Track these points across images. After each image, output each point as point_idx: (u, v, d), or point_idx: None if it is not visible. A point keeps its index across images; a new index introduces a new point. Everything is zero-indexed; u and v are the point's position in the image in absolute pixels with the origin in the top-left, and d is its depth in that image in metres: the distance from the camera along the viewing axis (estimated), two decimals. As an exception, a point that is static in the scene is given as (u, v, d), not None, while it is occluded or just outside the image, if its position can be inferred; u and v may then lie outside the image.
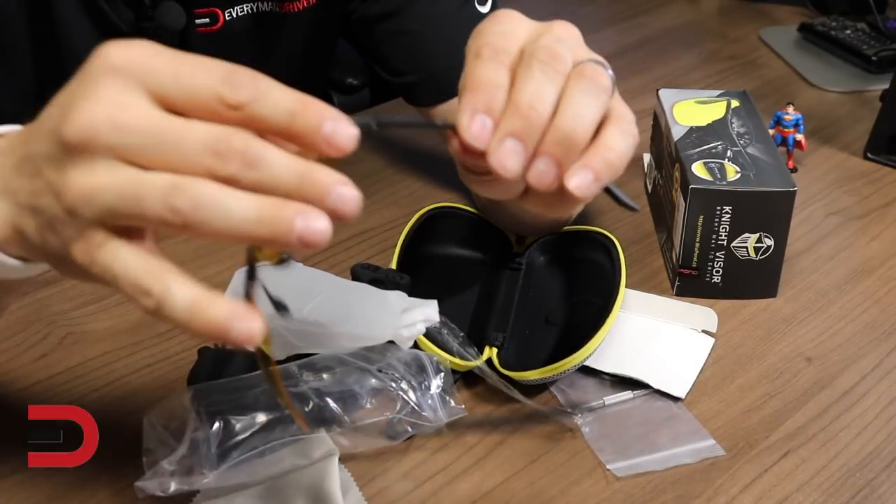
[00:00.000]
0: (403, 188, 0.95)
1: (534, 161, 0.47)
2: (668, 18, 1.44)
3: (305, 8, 0.87)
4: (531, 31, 0.51)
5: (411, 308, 0.67)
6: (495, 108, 0.48)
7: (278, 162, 0.40)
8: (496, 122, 0.47)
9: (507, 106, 0.48)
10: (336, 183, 0.40)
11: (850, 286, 0.83)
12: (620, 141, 0.49)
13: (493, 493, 0.62)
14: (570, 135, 0.47)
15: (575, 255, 0.80)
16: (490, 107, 0.48)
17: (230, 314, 0.40)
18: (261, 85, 0.40)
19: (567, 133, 0.47)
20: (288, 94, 0.40)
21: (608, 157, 0.48)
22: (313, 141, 0.40)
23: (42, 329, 0.74)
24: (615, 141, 0.49)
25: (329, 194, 0.40)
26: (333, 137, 0.40)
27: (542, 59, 0.48)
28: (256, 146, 0.40)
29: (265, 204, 0.39)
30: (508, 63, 0.50)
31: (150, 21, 0.79)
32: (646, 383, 0.69)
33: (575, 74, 0.49)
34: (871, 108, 1.10)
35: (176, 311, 0.40)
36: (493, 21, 0.53)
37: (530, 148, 0.47)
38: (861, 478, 0.63)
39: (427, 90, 0.88)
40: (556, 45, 0.49)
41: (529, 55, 0.49)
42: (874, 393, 0.71)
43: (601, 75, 0.49)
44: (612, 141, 0.49)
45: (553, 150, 0.47)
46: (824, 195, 0.97)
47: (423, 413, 0.64)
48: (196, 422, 0.60)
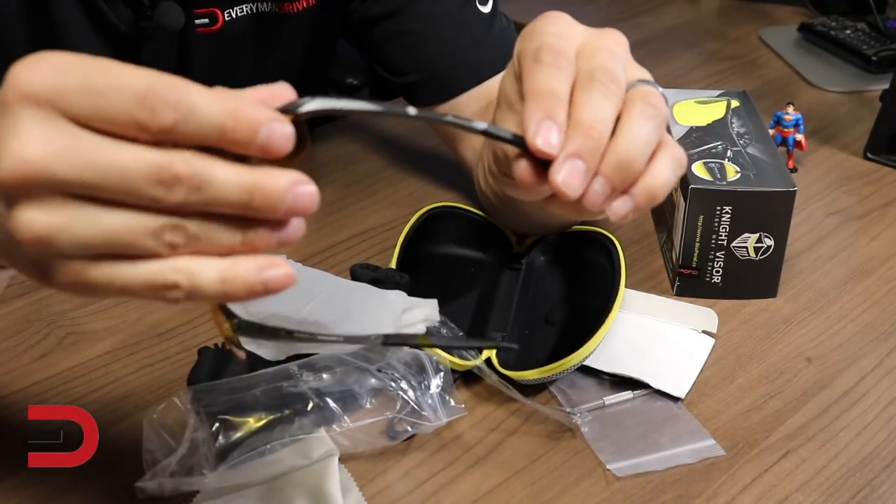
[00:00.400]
0: (403, 188, 0.95)
1: (590, 182, 0.48)
2: (668, 18, 1.44)
3: (305, 8, 0.87)
4: (585, 37, 0.52)
5: (412, 307, 0.67)
6: (558, 119, 0.48)
7: (225, 179, 0.39)
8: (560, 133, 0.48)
9: (571, 125, 0.48)
10: (288, 186, 0.39)
11: (850, 286, 0.83)
12: (669, 172, 0.50)
13: (493, 493, 0.62)
14: (630, 160, 0.48)
15: (575, 255, 0.80)
16: (553, 116, 0.48)
17: (259, 268, 0.40)
18: (182, 102, 0.38)
19: (627, 158, 0.48)
20: (214, 108, 0.38)
21: (653, 188, 0.49)
22: (249, 151, 0.39)
23: (42, 329, 0.74)
24: (664, 172, 0.50)
25: (283, 200, 0.39)
26: (268, 145, 0.39)
27: (602, 80, 0.49)
28: (200, 168, 0.38)
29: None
30: (567, 69, 0.50)
31: (149, 21, 0.79)
32: (646, 383, 0.69)
33: (637, 97, 0.49)
34: (871, 108, 1.10)
35: (209, 291, 0.40)
36: (545, 21, 0.53)
37: (592, 169, 0.48)
38: (861, 478, 0.63)
39: (428, 90, 0.88)
40: (614, 64, 0.50)
41: (589, 75, 0.49)
42: (874, 393, 0.71)
43: (660, 100, 0.50)
44: (660, 171, 0.49)
45: (610, 174, 0.48)
46: (824, 195, 0.97)
47: (422, 413, 0.64)
48: (196, 422, 0.60)
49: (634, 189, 0.49)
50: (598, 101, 0.48)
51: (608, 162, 0.48)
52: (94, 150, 0.38)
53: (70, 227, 0.38)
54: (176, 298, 0.40)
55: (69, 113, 0.38)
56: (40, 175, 0.37)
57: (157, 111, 0.37)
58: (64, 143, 0.38)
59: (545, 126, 0.48)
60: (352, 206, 0.91)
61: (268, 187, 0.39)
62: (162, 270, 0.40)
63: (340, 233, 0.87)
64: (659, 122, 0.49)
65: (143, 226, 0.39)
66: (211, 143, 0.39)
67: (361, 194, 0.94)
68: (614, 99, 0.49)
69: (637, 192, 0.49)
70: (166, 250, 0.39)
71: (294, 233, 0.41)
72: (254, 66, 0.88)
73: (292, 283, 0.41)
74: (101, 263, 0.39)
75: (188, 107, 0.38)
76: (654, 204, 0.50)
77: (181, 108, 0.38)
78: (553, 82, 0.49)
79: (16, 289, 0.77)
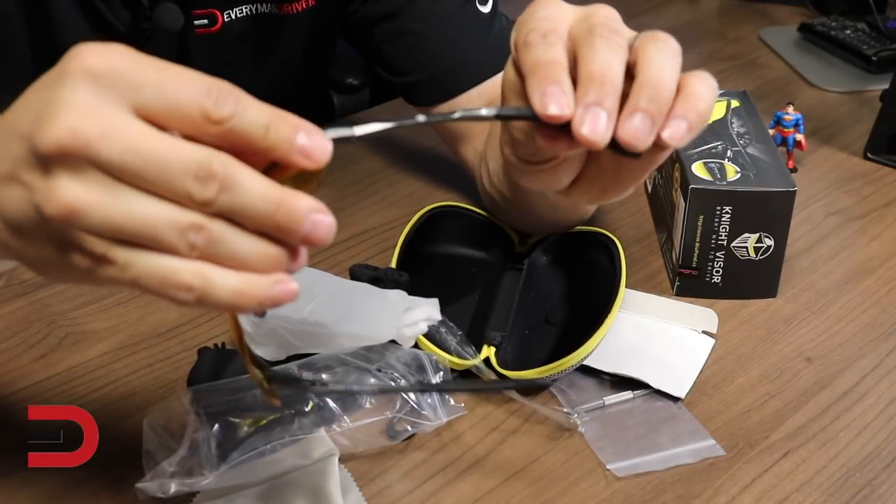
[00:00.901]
0: (403, 188, 0.95)
1: (626, 119, 0.47)
2: (668, 18, 1.44)
3: (305, 9, 0.87)
4: (576, 14, 0.52)
5: (413, 307, 0.67)
6: (561, 82, 0.48)
7: (254, 188, 0.40)
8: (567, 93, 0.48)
9: (581, 80, 0.48)
10: (311, 210, 0.40)
11: (850, 286, 0.83)
12: (705, 89, 0.50)
13: (493, 492, 0.62)
14: (661, 87, 0.48)
15: (576, 255, 0.80)
16: (555, 81, 0.48)
17: (272, 283, 0.41)
18: (241, 100, 0.40)
19: (657, 85, 0.48)
20: (263, 109, 0.40)
21: (698, 107, 0.49)
22: (289, 152, 0.40)
23: (42, 329, 0.74)
24: (700, 89, 0.49)
25: (304, 222, 0.40)
26: (308, 149, 0.41)
27: (602, 33, 0.49)
28: (235, 170, 0.39)
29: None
30: (560, 42, 0.50)
31: (148, 22, 0.79)
32: (646, 383, 0.69)
33: (647, 39, 0.50)
34: (871, 108, 1.10)
35: (220, 299, 0.40)
36: (535, 7, 0.53)
37: (613, 115, 0.47)
38: (861, 478, 0.63)
39: (428, 90, 0.88)
40: (611, 20, 0.50)
41: (588, 32, 0.49)
42: (874, 393, 0.71)
43: (671, 38, 0.50)
44: (697, 90, 0.49)
45: (646, 105, 0.47)
46: (824, 195, 0.97)
47: (422, 412, 0.64)
48: (196, 423, 0.60)
49: (678, 110, 0.48)
50: (603, 51, 0.48)
51: (640, 96, 0.48)
52: (142, 136, 0.39)
53: (102, 205, 0.39)
54: (184, 301, 0.40)
55: (132, 99, 0.39)
56: (85, 149, 0.38)
57: (222, 101, 0.39)
58: (114, 124, 0.38)
59: (550, 91, 0.47)
60: (352, 206, 0.91)
61: (292, 204, 0.40)
62: (179, 270, 0.40)
63: (340, 233, 0.86)
64: (675, 54, 0.50)
65: (170, 218, 0.39)
66: (255, 142, 0.40)
67: (361, 194, 0.94)
68: (618, 48, 0.49)
69: (684, 113, 0.48)
70: (186, 249, 0.40)
71: (300, 264, 0.42)
72: (254, 66, 0.88)
73: (295, 298, 0.41)
74: (121, 247, 0.40)
75: (245, 104, 0.40)
76: (704, 124, 0.49)
77: (240, 103, 0.40)
78: (546, 53, 0.49)
79: (16, 289, 0.77)
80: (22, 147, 0.40)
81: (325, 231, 0.41)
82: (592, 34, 0.49)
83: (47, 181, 0.39)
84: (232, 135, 0.40)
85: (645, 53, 0.49)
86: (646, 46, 0.49)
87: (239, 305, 0.41)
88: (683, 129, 0.48)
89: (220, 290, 0.40)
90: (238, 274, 0.41)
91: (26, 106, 0.41)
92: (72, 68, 0.39)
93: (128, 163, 0.38)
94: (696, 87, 0.49)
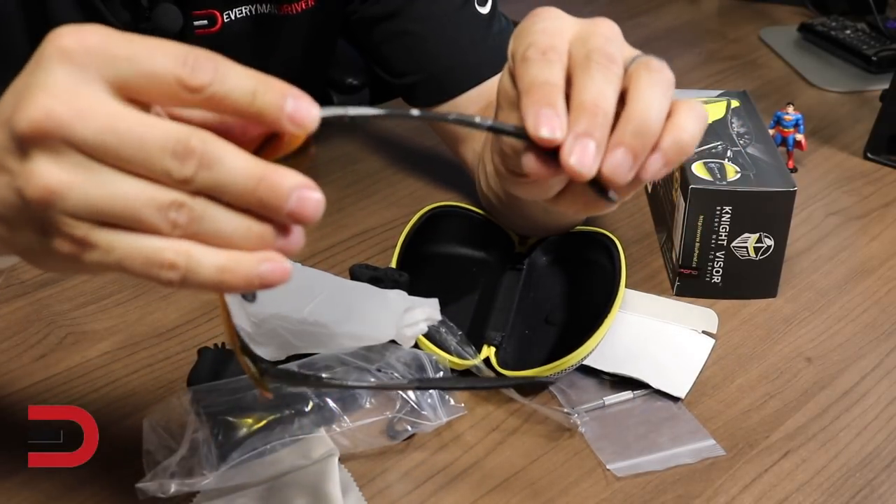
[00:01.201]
0: (403, 188, 0.95)
1: (609, 153, 0.48)
2: (668, 18, 1.44)
3: (304, 10, 0.87)
4: (576, 29, 0.52)
5: (413, 307, 0.67)
6: (556, 105, 0.48)
7: (235, 163, 0.39)
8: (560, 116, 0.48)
9: (573, 108, 0.48)
10: (296, 186, 0.39)
11: (850, 286, 0.83)
12: (692, 122, 0.50)
13: (493, 493, 0.62)
14: (646, 124, 0.48)
15: (576, 255, 0.80)
16: (550, 104, 0.48)
17: (258, 261, 0.40)
18: (220, 66, 0.39)
19: (643, 122, 0.48)
20: (248, 74, 0.40)
21: (679, 139, 0.49)
22: (277, 118, 0.40)
23: (42, 329, 0.74)
24: (686, 122, 0.49)
25: (288, 197, 0.39)
26: (296, 114, 0.40)
27: (599, 61, 0.49)
28: (215, 146, 0.39)
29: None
30: (558, 61, 0.50)
31: (148, 23, 0.79)
32: (646, 383, 0.69)
33: (640, 68, 0.50)
34: (871, 108, 1.10)
35: (205, 278, 0.40)
36: (534, 19, 0.53)
37: (602, 146, 0.47)
38: (861, 478, 0.63)
39: (428, 90, 0.88)
40: (609, 46, 0.50)
41: (586, 58, 0.49)
42: (874, 393, 0.71)
43: (663, 66, 0.50)
44: (683, 122, 0.49)
45: (630, 140, 0.48)
46: (824, 195, 0.97)
47: (422, 412, 0.64)
48: (196, 423, 0.60)
49: (661, 144, 0.49)
50: (598, 81, 0.48)
51: (625, 130, 0.48)
52: (118, 115, 0.39)
53: (81, 186, 0.38)
54: (170, 280, 0.40)
55: (108, 75, 0.39)
56: (61, 130, 0.38)
57: (199, 68, 0.39)
58: (90, 103, 0.38)
59: (544, 114, 0.47)
60: (352, 206, 0.91)
61: (274, 180, 0.39)
62: (162, 248, 0.39)
63: (340, 233, 0.87)
64: (667, 86, 0.49)
65: (150, 197, 0.39)
66: (241, 108, 0.39)
67: (361, 194, 0.94)
68: (613, 78, 0.49)
69: (665, 147, 0.49)
70: (168, 227, 0.39)
71: (294, 243, 0.41)
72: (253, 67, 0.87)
73: (287, 279, 0.40)
74: (103, 229, 0.39)
75: (225, 69, 0.39)
76: (684, 157, 0.50)
77: (220, 69, 0.39)
78: (544, 73, 0.49)
79: (16, 289, 0.77)
80: (3, 134, 0.40)
81: (313, 207, 0.40)
82: (590, 61, 0.49)
83: (25, 164, 0.39)
84: (215, 102, 0.39)
85: (637, 84, 0.49)
86: (639, 76, 0.49)
87: (226, 284, 0.40)
88: (659, 164, 0.49)
89: (205, 267, 0.40)
90: (224, 251, 0.40)
91: (11, 94, 0.41)
92: (48, 51, 0.39)
93: (104, 142, 0.38)
94: (683, 117, 0.50)
